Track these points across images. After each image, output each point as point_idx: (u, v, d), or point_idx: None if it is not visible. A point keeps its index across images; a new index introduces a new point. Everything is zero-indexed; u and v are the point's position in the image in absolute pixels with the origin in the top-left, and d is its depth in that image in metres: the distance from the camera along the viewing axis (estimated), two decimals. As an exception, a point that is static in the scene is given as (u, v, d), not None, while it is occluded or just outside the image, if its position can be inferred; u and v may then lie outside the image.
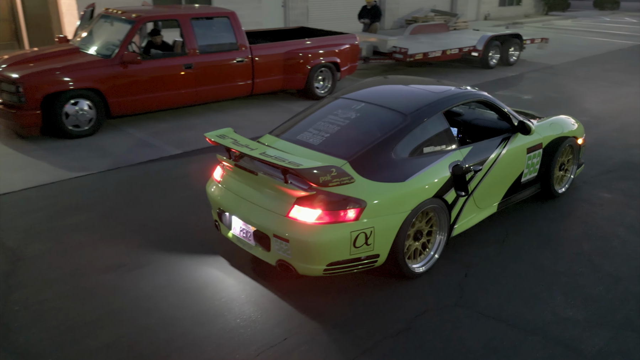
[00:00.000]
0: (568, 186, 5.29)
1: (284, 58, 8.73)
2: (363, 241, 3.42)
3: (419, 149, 3.86)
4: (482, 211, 4.39)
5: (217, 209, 3.95)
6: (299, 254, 3.40)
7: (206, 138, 3.81)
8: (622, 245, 4.36)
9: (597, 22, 23.81)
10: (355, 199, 3.40)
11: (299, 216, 3.37)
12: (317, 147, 3.84)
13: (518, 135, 4.59)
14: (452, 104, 4.23)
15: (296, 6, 15.89)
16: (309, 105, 9.01)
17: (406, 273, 3.76)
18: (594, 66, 12.57)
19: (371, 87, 4.70)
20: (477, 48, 11.88)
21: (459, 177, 3.94)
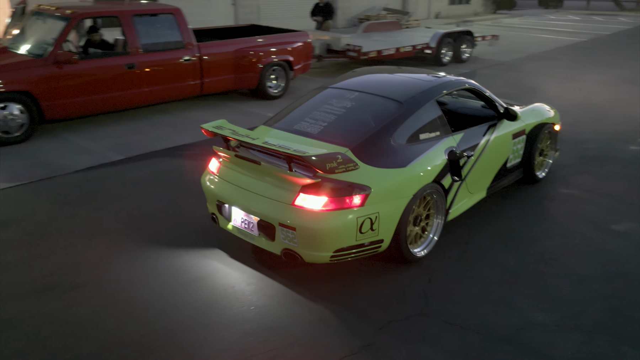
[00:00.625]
0: (547, 171, 5.47)
1: (234, 57, 8.37)
2: (368, 227, 3.45)
3: (415, 136, 3.94)
4: (473, 196, 4.49)
5: (216, 201, 3.88)
6: (306, 241, 3.40)
7: (202, 129, 3.78)
8: (584, 242, 4.27)
9: (542, 20, 24.49)
10: (360, 185, 3.43)
11: (305, 204, 3.37)
12: (316, 136, 3.86)
13: (504, 122, 4.73)
14: (444, 91, 4.34)
15: (246, 4, 15.50)
16: (262, 105, 8.88)
17: (408, 257, 3.82)
18: (542, 62, 12.79)
19: (360, 77, 4.73)
20: (430, 45, 11.86)
21: (453, 162, 4.04)
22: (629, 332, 3.20)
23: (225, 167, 3.88)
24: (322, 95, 4.44)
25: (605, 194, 5.20)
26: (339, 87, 4.51)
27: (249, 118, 7.84)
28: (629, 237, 4.34)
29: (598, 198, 5.09)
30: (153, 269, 3.85)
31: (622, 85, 10.16)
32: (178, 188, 5.31)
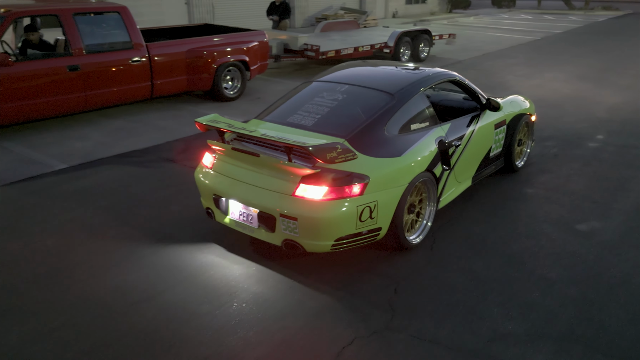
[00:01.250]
0: (525, 159, 5.71)
1: (186, 57, 8.00)
2: (368, 215, 3.52)
3: (407, 126, 4.03)
4: (460, 185, 4.63)
5: (213, 195, 3.88)
6: (308, 231, 3.44)
7: (196, 124, 3.80)
8: (550, 244, 4.16)
9: (496, 19, 24.93)
10: (359, 175, 3.50)
11: (305, 194, 3.42)
12: (311, 128, 3.92)
13: (486, 113, 4.88)
14: (432, 83, 4.45)
15: (201, 3, 15.06)
16: (217, 107, 8.53)
17: (404, 244, 3.92)
18: (499, 61, 12.90)
19: (346, 71, 4.80)
20: (389, 44, 11.76)
21: (443, 151, 4.17)
22: (601, 339, 3.08)
23: (221, 161, 3.89)
24: (311, 89, 4.51)
25: (568, 192, 5.14)
26: (326, 80, 4.58)
27: (203, 121, 7.49)
28: (594, 237, 4.26)
29: (561, 197, 5.03)
30: (102, 289, 3.51)
31: (578, 83, 10.31)
32: (125, 199, 4.94)
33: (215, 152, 3.93)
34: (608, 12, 29.30)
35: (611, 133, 7.06)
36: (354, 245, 3.64)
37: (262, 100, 8.85)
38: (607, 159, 6.04)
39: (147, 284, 3.58)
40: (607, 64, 12.47)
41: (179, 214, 4.64)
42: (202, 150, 4.19)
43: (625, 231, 4.35)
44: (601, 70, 11.72)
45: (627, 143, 6.62)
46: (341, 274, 3.71)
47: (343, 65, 5.04)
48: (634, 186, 5.29)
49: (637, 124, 7.45)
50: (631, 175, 5.56)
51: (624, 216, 4.63)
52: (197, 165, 5.74)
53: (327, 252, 3.63)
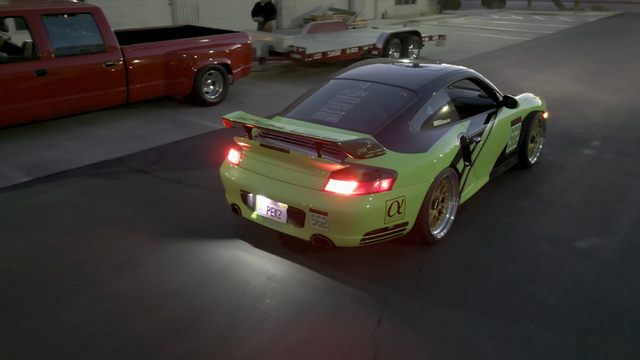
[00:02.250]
0: (538, 155, 5.80)
1: (164, 60, 7.62)
2: (396, 210, 3.57)
3: (430, 122, 4.09)
4: (479, 180, 4.69)
5: (240, 191, 3.91)
6: (337, 225, 3.48)
7: (223, 120, 3.85)
8: (548, 265, 3.85)
9: (487, 19, 24.73)
10: (387, 170, 3.55)
11: (335, 189, 3.47)
12: (337, 125, 3.97)
13: (502, 109, 4.95)
14: (453, 80, 4.48)
15: (185, 4, 14.67)
16: (198, 112, 8.16)
17: (429, 239, 3.97)
18: (490, 62, 12.63)
19: (366, 68, 4.85)
20: (377, 46, 11.44)
21: (465, 147, 4.21)
22: (607, 378, 2.77)
23: (248, 157, 3.93)
24: (332, 86, 4.56)
25: (565, 205, 4.84)
26: (347, 77, 4.63)
27: (182, 128, 7.13)
28: (594, 256, 3.95)
29: (558, 210, 4.72)
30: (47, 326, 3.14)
31: (571, 85, 10.05)
32: (89, 216, 4.57)
33: (242, 149, 3.97)
34: (598, 13, 29.21)
35: (607, 139, 6.78)
36: (382, 239, 3.68)
37: (246, 104, 8.50)
38: (604, 168, 5.75)
39: (103, 321, 3.22)
40: (600, 66, 12.24)
41: (147, 233, 4.28)
42: (226, 147, 4.34)
43: (627, 249, 4.05)
44: (594, 72, 11.48)
45: (624, 150, 6.34)
46: (328, 297, 3.38)
47: (361, 62, 5.06)
48: (633, 197, 4.99)
49: (634, 129, 7.18)
50: (630, 185, 5.27)
51: (624, 232, 4.33)
52: (173, 177, 5.41)
53: (355, 246, 3.69)
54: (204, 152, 6.21)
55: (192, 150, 6.28)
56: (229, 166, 4.06)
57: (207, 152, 6.20)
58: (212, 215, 4.58)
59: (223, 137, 6.81)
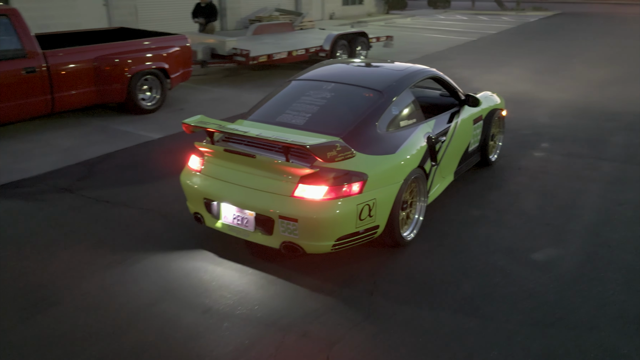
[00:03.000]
0: (498, 152, 5.87)
1: (94, 66, 7.05)
2: (367, 213, 3.50)
3: (397, 123, 4.05)
4: (444, 180, 4.68)
5: (203, 199, 3.75)
6: (308, 232, 3.39)
7: (183, 125, 3.68)
8: (506, 281, 3.63)
9: (433, 19, 24.99)
10: (358, 173, 3.48)
11: (305, 194, 3.37)
12: (303, 127, 3.86)
13: (465, 108, 4.96)
14: (417, 80, 4.46)
15: (122, 4, 13.92)
16: (134, 120, 7.58)
17: (399, 241, 3.92)
18: (437, 63, 12.58)
19: (328, 68, 4.77)
20: (324, 48, 11.16)
21: (431, 147, 4.19)
22: (575, 412, 2.54)
23: (211, 164, 3.77)
24: (295, 87, 4.46)
25: (519, 213, 4.67)
26: (310, 78, 4.52)
27: (114, 139, 6.58)
28: (552, 269, 3.77)
29: (512, 219, 4.54)
30: None
31: (517, 85, 10.08)
32: (0, 247, 4.03)
33: (204, 155, 3.79)
34: (538, 13, 30.13)
35: (555, 140, 6.73)
36: (353, 244, 3.59)
37: (186, 111, 8.02)
38: (554, 171, 5.65)
39: None
40: (543, 65, 12.41)
41: (65, 264, 3.78)
42: (189, 153, 3.86)
43: (583, 260, 3.89)
44: (538, 71, 11.62)
45: (572, 151, 6.29)
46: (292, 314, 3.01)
47: (322, 63, 4.99)
48: (585, 202, 4.89)
49: (579, 130, 7.18)
50: (580, 189, 5.17)
51: (579, 240, 4.19)
52: (101, 195, 4.90)
53: (326, 252, 3.57)
54: (137, 166, 5.71)
55: (124, 164, 5.77)
56: (190, 173, 3.88)
57: (141, 166, 5.71)
58: (144, 240, 4.13)
59: (159, 147, 6.32)
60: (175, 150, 6.21)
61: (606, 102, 8.85)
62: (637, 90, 9.77)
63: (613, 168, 5.74)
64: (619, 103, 8.73)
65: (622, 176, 5.51)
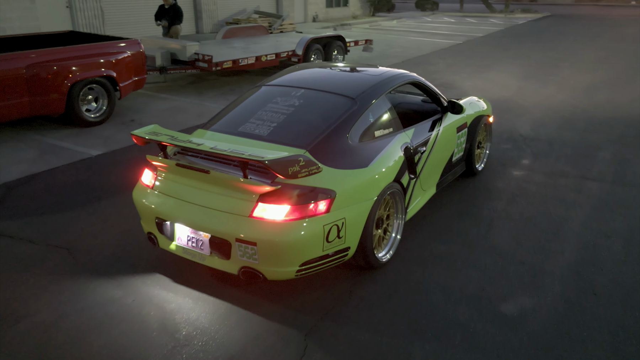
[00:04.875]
0: (485, 161, 5.53)
1: (27, 74, 6.33)
2: (335, 234, 3.17)
3: (371, 133, 3.73)
4: (425, 193, 4.35)
5: (155, 219, 3.41)
6: (269, 257, 3.05)
7: (133, 137, 3.31)
8: (468, 344, 2.96)
9: (419, 22, 24.40)
10: (324, 190, 3.14)
11: (265, 214, 3.03)
12: (267, 138, 3.53)
13: (447, 116, 4.62)
14: (394, 85, 4.14)
15: (86, 7, 13.18)
16: (76, 134, 6.84)
17: (373, 263, 3.57)
18: (418, 68, 11.95)
19: (300, 73, 4.43)
20: (297, 52, 10.47)
21: (409, 159, 3.88)
22: None
23: (164, 179, 3.44)
24: (263, 93, 4.13)
25: (490, 248, 4.01)
26: (279, 84, 4.20)
27: (46, 156, 5.87)
28: (524, 326, 3.10)
29: (481, 256, 3.88)
30: None
31: (500, 92, 9.45)
32: None
33: (157, 169, 3.46)
34: (527, 15, 29.63)
35: (537, 156, 6.09)
36: (320, 268, 3.24)
37: (137, 122, 7.32)
38: (534, 194, 5.00)
39: None
40: (528, 70, 11.80)
41: None
42: (141, 167, 3.43)
43: (562, 313, 3.23)
44: (523, 77, 11.00)
45: (554, 169, 5.65)
46: None
47: (296, 67, 4.68)
48: (567, 233, 4.24)
49: (564, 144, 6.54)
50: (563, 216, 4.53)
51: (558, 285, 3.53)
52: (6, 228, 4.20)
53: (290, 279, 3.21)
54: (63, 190, 5.00)
55: (47, 188, 5.06)
56: (143, 189, 3.52)
57: (66, 190, 5.00)
58: (36, 297, 3.43)
59: (95, 166, 5.62)
60: (114, 169, 5.52)
61: (593, 110, 8.23)
62: (626, 96, 9.17)
63: (600, 190, 5.10)
64: (607, 111, 8.12)
65: (610, 200, 4.87)
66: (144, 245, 3.98)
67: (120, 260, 3.79)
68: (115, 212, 4.54)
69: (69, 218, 4.43)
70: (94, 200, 4.77)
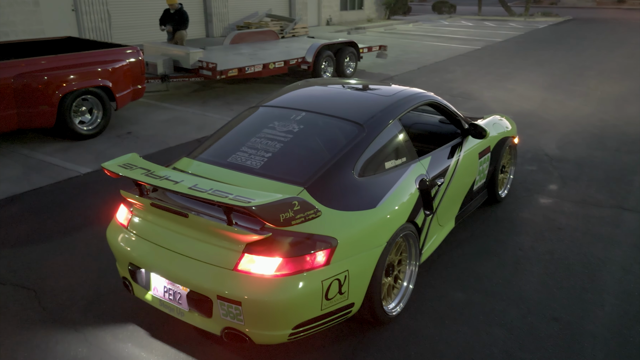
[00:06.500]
0: (509, 187, 5.07)
1: (15, 84, 5.92)
2: (336, 290, 2.69)
3: (381, 165, 3.27)
4: (443, 229, 3.86)
5: (128, 265, 2.95)
6: (256, 318, 2.56)
7: (105, 170, 2.85)
8: None
9: (436, 25, 23.77)
10: (323, 237, 2.66)
11: (252, 268, 2.56)
12: (259, 172, 3.08)
13: (468, 139, 4.17)
14: (408, 108, 3.66)
15: (92, 10, 12.83)
16: (67, 148, 6.42)
17: (381, 318, 3.08)
18: (435, 76, 11.39)
19: (301, 92, 3.97)
20: (307, 60, 9.99)
21: (425, 192, 3.40)
22: None
23: (139, 219, 2.99)
24: (259, 116, 3.66)
25: (516, 298, 3.46)
26: (277, 105, 3.73)
27: (32, 174, 5.44)
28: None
29: (506, 309, 3.34)
30: None
31: (521, 104, 8.85)
32: None
33: (133, 206, 3.01)
34: (548, 19, 28.80)
35: (566, 179, 5.51)
36: (318, 329, 2.77)
37: (134, 135, 6.88)
38: (565, 228, 4.44)
39: None
40: (552, 79, 11.17)
41: None
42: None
43: (608, 390, 2.69)
44: (546, 87, 10.38)
45: (586, 197, 5.07)
46: None
47: (298, 84, 4.17)
48: (606, 280, 3.67)
49: (595, 166, 5.95)
50: (599, 257, 3.96)
51: (600, 353, 2.97)
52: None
53: (282, 342, 2.71)
54: (41, 216, 4.57)
55: (25, 213, 4.63)
56: (117, 228, 3.07)
57: (45, 216, 4.56)
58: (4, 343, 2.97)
59: (82, 186, 5.18)
60: (102, 190, 5.08)
61: (625, 125, 7.61)
62: (660, 111, 8.52)
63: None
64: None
65: (653, 237, 4.29)
66: (121, 289, 3.51)
67: (92, 307, 3.32)
68: (94, 245, 4.09)
69: (43, 251, 3.98)
70: (74, 229, 4.32)
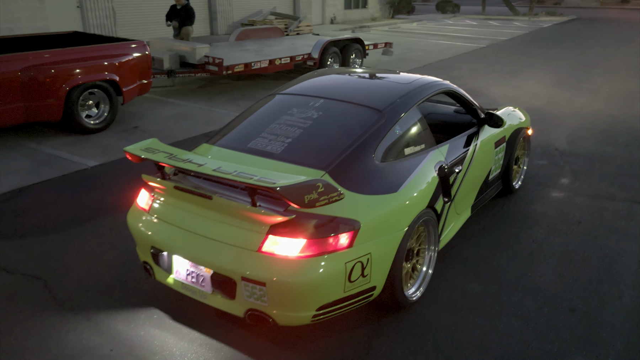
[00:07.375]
0: (522, 178, 5.07)
1: (21, 78, 5.90)
2: (359, 273, 2.70)
3: (401, 151, 3.29)
4: (460, 217, 3.90)
5: (151, 248, 2.95)
6: (280, 299, 2.57)
7: (126, 154, 2.84)
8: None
9: (440, 24, 23.71)
10: (346, 220, 2.67)
11: (276, 249, 2.57)
12: (280, 157, 3.08)
13: (484, 129, 4.17)
14: (426, 95, 3.65)
15: (97, 7, 12.82)
16: (74, 142, 6.39)
17: (402, 302, 3.09)
18: (440, 73, 11.33)
19: (319, 80, 3.98)
20: (313, 56, 9.97)
21: (444, 180, 3.41)
22: None
23: (161, 203, 3.00)
24: (277, 104, 3.67)
25: (532, 290, 3.41)
26: (296, 93, 3.74)
27: (40, 167, 5.42)
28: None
29: (523, 300, 3.28)
30: None
31: (529, 100, 8.80)
32: None
33: (154, 190, 3.01)
34: (552, 18, 28.71)
35: (577, 174, 5.46)
36: (341, 312, 2.79)
37: (141, 130, 6.86)
38: (578, 221, 4.39)
39: None
40: (559, 77, 11.11)
41: None
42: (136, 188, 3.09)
43: (630, 381, 2.64)
44: (553, 84, 10.32)
45: (599, 191, 5.02)
46: None
47: (314, 73, 4.19)
48: (622, 272, 3.62)
49: (606, 160, 5.90)
50: (615, 250, 3.91)
51: (619, 343, 2.92)
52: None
53: (305, 324, 2.74)
54: (50, 208, 4.54)
55: (34, 205, 4.60)
56: (138, 213, 3.07)
57: (54, 208, 4.53)
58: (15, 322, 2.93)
59: (89, 179, 5.15)
60: (110, 183, 5.05)
61: (634, 121, 7.55)
62: (669, 108, 8.46)
63: (654, 217, 4.47)
64: (650, 124, 7.44)
65: (668, 230, 4.24)
66: (131, 278, 3.47)
67: (102, 296, 3.29)
68: (105, 235, 4.05)
69: (52, 242, 3.95)
70: (83, 221, 4.29)
